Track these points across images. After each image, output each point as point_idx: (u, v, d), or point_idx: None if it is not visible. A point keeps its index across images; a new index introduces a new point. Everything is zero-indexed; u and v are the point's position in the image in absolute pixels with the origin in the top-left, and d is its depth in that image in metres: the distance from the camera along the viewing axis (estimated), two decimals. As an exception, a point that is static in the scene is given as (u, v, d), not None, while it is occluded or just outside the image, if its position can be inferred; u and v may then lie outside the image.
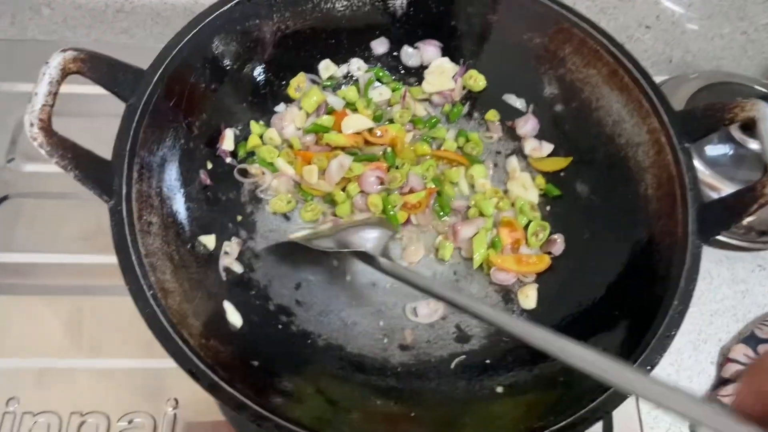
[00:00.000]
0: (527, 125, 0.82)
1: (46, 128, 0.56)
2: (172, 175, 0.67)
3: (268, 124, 0.81)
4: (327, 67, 0.84)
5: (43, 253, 0.80)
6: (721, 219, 0.62)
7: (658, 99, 0.69)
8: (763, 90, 0.99)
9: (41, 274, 0.78)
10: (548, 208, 0.80)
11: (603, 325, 0.63)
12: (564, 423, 0.54)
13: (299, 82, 0.81)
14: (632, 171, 0.71)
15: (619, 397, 0.55)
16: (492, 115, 0.84)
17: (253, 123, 0.79)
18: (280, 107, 0.82)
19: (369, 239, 0.68)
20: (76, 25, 1.08)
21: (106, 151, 0.61)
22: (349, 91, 0.83)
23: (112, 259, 0.78)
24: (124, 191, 0.59)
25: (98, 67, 0.61)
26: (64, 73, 0.59)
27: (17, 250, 0.80)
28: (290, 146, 0.80)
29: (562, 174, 0.80)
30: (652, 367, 0.56)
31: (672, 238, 0.63)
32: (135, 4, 1.04)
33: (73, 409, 0.70)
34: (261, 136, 0.79)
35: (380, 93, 0.83)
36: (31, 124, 0.56)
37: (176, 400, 0.71)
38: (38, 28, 1.09)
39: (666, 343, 0.57)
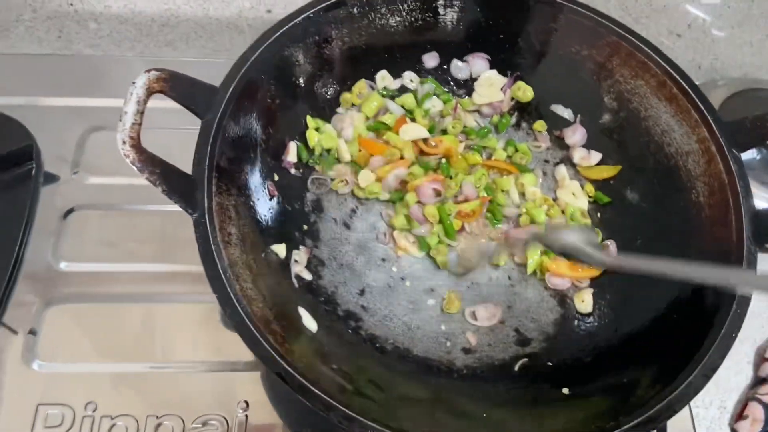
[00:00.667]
0: (576, 135, 0.85)
1: (137, 145, 0.59)
2: (245, 187, 0.70)
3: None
4: (383, 77, 0.87)
5: (111, 262, 0.83)
6: (774, 228, 0.64)
7: (707, 109, 0.72)
8: (790, 96, 1.02)
9: (111, 283, 0.81)
10: (599, 215, 0.83)
11: (663, 328, 0.66)
12: (633, 423, 0.56)
13: (360, 89, 0.84)
14: (683, 179, 0.73)
15: (684, 399, 0.58)
16: (539, 125, 0.87)
17: (309, 118, 0.82)
18: (340, 110, 0.86)
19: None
20: (121, 39, 1.11)
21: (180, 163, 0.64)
22: (408, 98, 0.86)
23: (177, 267, 0.83)
24: (206, 204, 0.62)
25: (178, 86, 0.64)
26: (149, 93, 0.62)
27: (87, 260, 0.82)
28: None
29: (611, 182, 0.82)
30: (715, 369, 0.59)
31: (727, 245, 0.66)
32: (180, 18, 1.07)
33: (149, 412, 0.72)
34: (317, 129, 0.83)
35: (433, 104, 0.86)
36: (123, 142, 0.58)
37: (246, 403, 0.74)
38: (84, 42, 1.12)
39: (729, 343, 0.60)
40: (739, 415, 0.83)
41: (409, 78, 0.87)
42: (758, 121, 0.68)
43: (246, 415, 0.73)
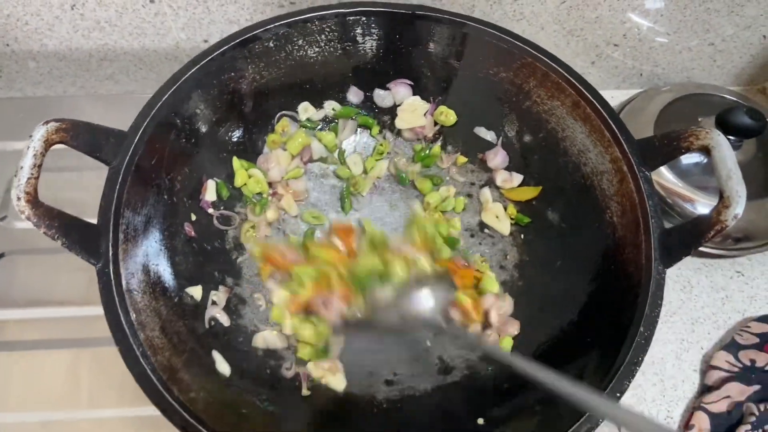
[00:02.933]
0: (497, 158, 0.85)
1: (33, 200, 0.59)
2: (157, 231, 0.70)
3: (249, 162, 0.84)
4: (306, 109, 0.87)
5: (41, 307, 0.83)
6: (682, 245, 0.64)
7: (618, 128, 0.72)
8: (733, 98, 1.02)
9: (40, 329, 0.81)
10: (522, 236, 0.83)
11: (577, 351, 0.66)
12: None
13: (283, 127, 0.84)
14: (598, 199, 0.73)
15: (592, 425, 0.58)
16: (461, 159, 0.89)
17: (235, 159, 0.82)
18: (265, 149, 0.86)
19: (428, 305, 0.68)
20: (62, 75, 1.11)
21: (93, 203, 0.64)
22: (327, 136, 0.86)
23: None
24: (110, 253, 0.62)
25: (80, 135, 0.64)
26: (48, 145, 0.62)
27: (15, 306, 0.83)
28: (273, 194, 0.83)
29: (534, 203, 0.82)
30: (622, 393, 0.59)
31: (637, 265, 0.66)
32: (117, 52, 1.07)
33: (76, 462, 0.72)
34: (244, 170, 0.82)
35: (354, 162, 0.87)
36: (18, 198, 0.58)
37: (175, 446, 0.74)
38: (26, 80, 1.12)
39: (633, 370, 0.59)
40: (686, 424, 0.83)
41: (331, 107, 0.87)
42: (665, 138, 0.68)
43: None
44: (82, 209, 0.64)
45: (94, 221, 0.64)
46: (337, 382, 0.73)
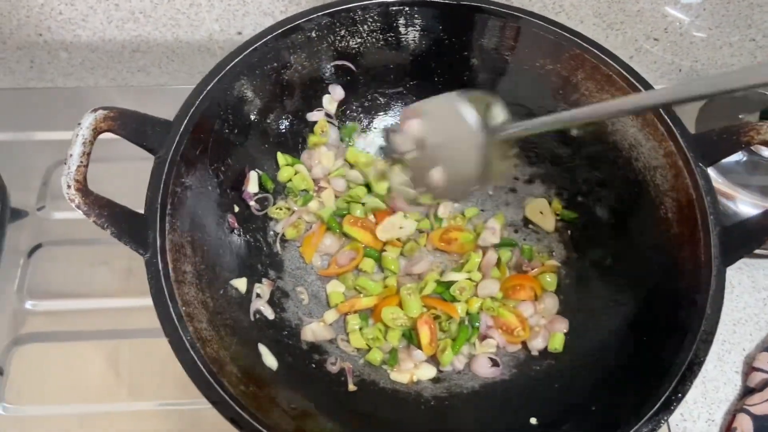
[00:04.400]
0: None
1: (83, 189, 0.58)
2: (203, 222, 0.69)
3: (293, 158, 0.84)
4: (329, 102, 0.86)
5: (79, 299, 0.82)
6: (742, 243, 0.63)
7: (673, 122, 0.70)
8: (775, 97, 1.00)
9: (78, 320, 0.80)
10: (568, 232, 0.81)
11: (632, 352, 0.64)
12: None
13: (322, 127, 0.83)
14: (651, 195, 0.71)
15: (654, 423, 0.56)
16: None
17: (279, 155, 0.81)
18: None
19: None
20: (93, 66, 1.11)
21: (139, 194, 0.63)
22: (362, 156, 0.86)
23: (144, 302, 0.80)
24: (158, 243, 0.61)
25: (128, 124, 0.63)
26: (96, 133, 0.61)
27: (53, 297, 0.82)
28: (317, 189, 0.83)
29: (580, 199, 0.81)
30: (684, 394, 0.57)
31: (695, 263, 0.64)
32: (150, 44, 1.06)
33: (117, 453, 0.72)
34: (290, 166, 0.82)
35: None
36: (68, 186, 0.58)
37: (216, 440, 0.73)
38: (57, 71, 1.11)
39: (696, 371, 0.58)
40: (728, 427, 0.82)
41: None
42: (725, 133, 0.67)
43: (215, 453, 0.72)
44: (125, 201, 0.63)
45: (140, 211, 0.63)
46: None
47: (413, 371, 0.72)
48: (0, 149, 0.93)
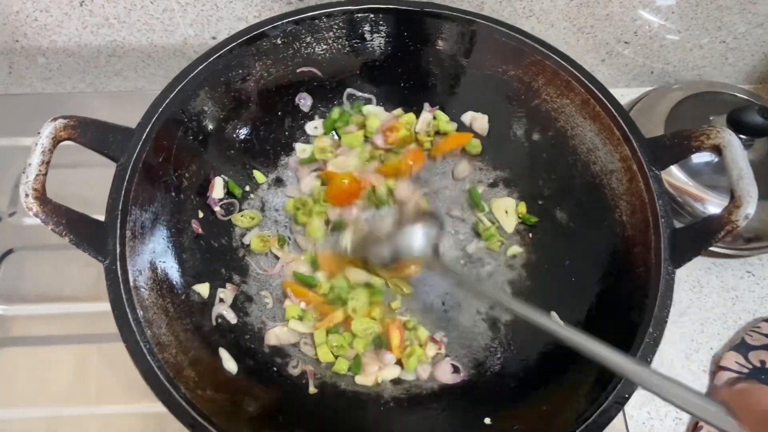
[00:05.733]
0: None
1: (41, 197, 0.59)
2: (164, 228, 0.70)
3: (262, 171, 0.85)
4: (317, 127, 0.88)
5: (50, 303, 0.83)
6: (691, 245, 0.64)
7: (628, 127, 0.71)
8: (745, 97, 1.01)
9: (49, 325, 0.81)
10: (530, 235, 0.82)
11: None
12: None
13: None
14: (607, 198, 0.73)
15: (603, 423, 0.57)
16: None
17: (256, 173, 0.84)
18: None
19: (416, 241, 0.70)
20: (71, 71, 1.12)
21: (102, 200, 0.64)
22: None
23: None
24: (118, 250, 0.62)
25: (88, 132, 0.64)
26: (56, 141, 0.62)
27: (23, 301, 0.83)
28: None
29: (541, 202, 0.82)
30: (630, 395, 0.59)
31: (646, 265, 0.65)
32: (126, 48, 1.07)
33: (83, 457, 0.73)
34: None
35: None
36: (26, 195, 0.59)
37: (182, 444, 0.74)
38: (35, 76, 1.12)
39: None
40: (695, 426, 0.83)
41: (313, 126, 0.88)
42: (677, 137, 0.68)
43: (182, 457, 0.73)
44: (89, 206, 0.64)
45: (102, 218, 0.64)
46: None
47: (378, 374, 0.73)
48: (-31, 156, 0.93)
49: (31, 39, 1.04)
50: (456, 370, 0.74)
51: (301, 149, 0.87)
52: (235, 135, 0.81)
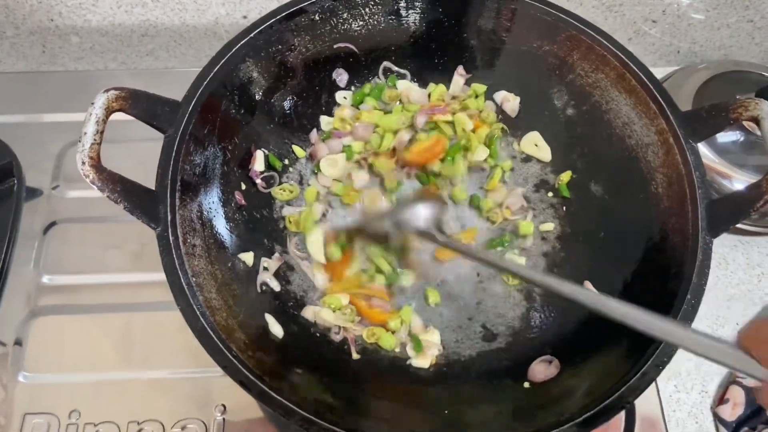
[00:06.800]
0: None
1: (96, 165, 0.61)
2: (211, 198, 0.72)
3: (300, 145, 0.86)
4: (346, 97, 0.89)
5: (93, 274, 0.85)
6: (729, 215, 0.65)
7: (664, 100, 0.72)
8: (773, 77, 1.01)
9: (92, 294, 0.84)
10: (564, 208, 0.83)
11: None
12: (593, 412, 0.57)
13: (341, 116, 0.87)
14: (643, 171, 0.74)
15: (642, 386, 0.59)
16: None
17: (295, 147, 0.85)
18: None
19: (422, 216, 0.72)
20: (103, 50, 1.13)
21: (148, 173, 0.66)
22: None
23: (156, 276, 0.84)
24: (169, 218, 0.64)
25: (138, 103, 0.66)
26: (109, 112, 0.64)
27: (68, 272, 0.85)
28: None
29: (575, 176, 0.83)
30: (669, 359, 0.60)
31: (683, 235, 0.66)
32: (158, 28, 1.08)
33: (130, 419, 0.75)
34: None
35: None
36: (83, 162, 0.60)
37: (224, 406, 0.76)
38: (68, 55, 1.14)
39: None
40: (721, 398, 0.84)
41: (343, 96, 0.89)
42: (713, 110, 0.69)
43: (224, 419, 0.76)
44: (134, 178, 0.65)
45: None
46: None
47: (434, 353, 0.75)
48: (14, 131, 0.95)
49: (65, 18, 1.06)
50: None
51: (326, 122, 0.88)
52: (274, 109, 0.82)
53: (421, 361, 0.73)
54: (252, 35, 0.76)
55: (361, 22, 0.84)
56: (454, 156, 0.84)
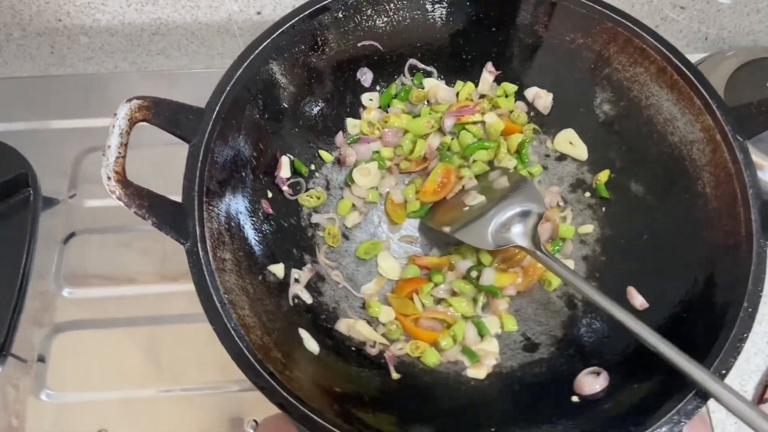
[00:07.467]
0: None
1: (122, 180, 0.58)
2: (238, 208, 0.69)
3: (326, 149, 0.83)
4: (372, 99, 0.86)
5: (115, 286, 0.83)
6: (785, 217, 0.62)
7: (710, 95, 0.69)
8: (802, 64, 0.98)
9: (115, 307, 0.81)
10: (603, 209, 0.80)
11: (671, 329, 0.64)
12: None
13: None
14: (688, 170, 0.71)
15: (692, 408, 0.56)
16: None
17: (322, 152, 0.82)
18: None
19: (516, 227, 0.70)
20: (113, 50, 1.10)
21: (160, 179, 0.64)
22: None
23: (179, 287, 0.82)
24: (198, 232, 0.61)
25: (161, 112, 0.63)
26: (132, 123, 0.61)
27: (90, 285, 0.83)
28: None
29: (613, 175, 0.80)
30: (727, 371, 0.57)
31: (735, 239, 0.63)
32: (170, 26, 1.05)
33: (160, 436, 0.73)
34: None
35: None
36: (108, 178, 0.57)
37: (256, 422, 0.74)
38: (77, 56, 1.11)
39: (739, 347, 0.58)
40: (760, 398, 0.82)
41: (369, 98, 0.86)
42: (764, 105, 0.65)
43: (256, 435, 0.74)
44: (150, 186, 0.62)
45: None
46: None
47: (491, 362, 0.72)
48: (26, 138, 0.92)
49: (74, 18, 1.03)
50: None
51: (352, 124, 0.85)
52: (299, 112, 0.79)
53: (477, 372, 0.70)
54: (274, 36, 0.73)
55: (385, 19, 0.80)
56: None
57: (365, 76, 0.84)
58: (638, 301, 0.70)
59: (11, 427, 0.74)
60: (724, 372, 0.57)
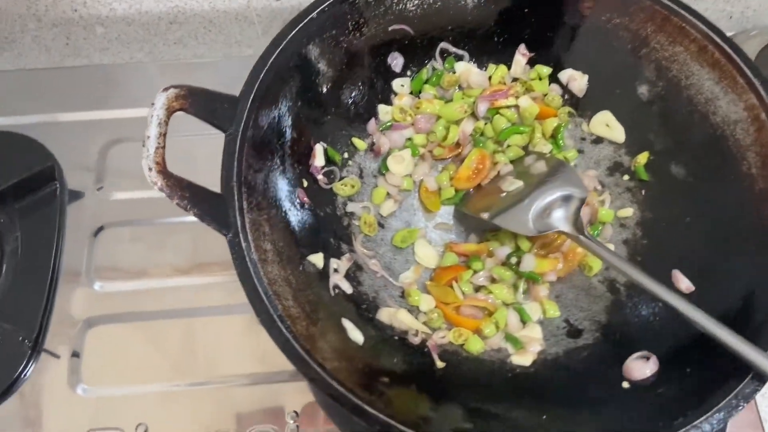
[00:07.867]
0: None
1: (163, 171, 0.57)
2: (276, 198, 0.68)
3: (359, 136, 0.82)
4: (403, 85, 0.84)
5: (146, 279, 0.82)
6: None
7: (754, 74, 0.67)
8: (828, 44, 0.97)
9: (148, 300, 0.80)
10: (642, 192, 0.79)
11: (721, 313, 0.63)
12: (702, 419, 0.54)
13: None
14: (732, 150, 0.69)
15: (750, 391, 0.55)
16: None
17: (355, 140, 0.81)
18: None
19: (557, 212, 0.69)
20: (129, 40, 1.09)
21: (190, 167, 0.62)
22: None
23: (212, 279, 0.82)
24: (239, 223, 0.60)
25: (198, 102, 0.62)
26: (170, 112, 0.60)
27: (121, 278, 0.82)
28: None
29: (652, 157, 0.78)
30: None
31: (784, 220, 0.62)
32: (187, 15, 1.04)
33: (200, 429, 0.72)
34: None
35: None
36: (150, 169, 0.57)
37: (296, 413, 0.73)
38: (92, 47, 1.10)
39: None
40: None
41: (400, 83, 0.84)
42: (810, 83, 0.64)
43: (297, 426, 0.73)
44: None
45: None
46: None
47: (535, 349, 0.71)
48: (49, 131, 0.91)
49: (90, 8, 1.01)
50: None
51: (384, 111, 0.83)
52: (331, 99, 0.77)
53: (522, 359, 0.70)
54: (305, 22, 0.71)
55: (416, 2, 0.79)
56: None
57: (396, 61, 0.82)
58: (684, 284, 0.68)
59: (49, 421, 0.73)
60: (772, 353, 0.56)
